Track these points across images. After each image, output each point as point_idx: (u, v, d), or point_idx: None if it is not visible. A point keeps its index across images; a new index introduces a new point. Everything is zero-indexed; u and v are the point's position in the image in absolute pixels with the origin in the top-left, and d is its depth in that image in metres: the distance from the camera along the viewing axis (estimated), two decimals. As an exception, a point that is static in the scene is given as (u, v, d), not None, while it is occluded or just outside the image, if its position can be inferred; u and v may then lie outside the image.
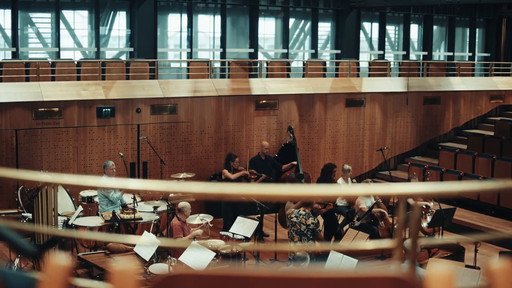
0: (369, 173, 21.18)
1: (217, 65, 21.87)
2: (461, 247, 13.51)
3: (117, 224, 13.73)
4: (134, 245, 11.98)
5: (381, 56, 25.43)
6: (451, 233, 17.05)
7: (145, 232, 12.27)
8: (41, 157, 16.80)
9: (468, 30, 28.19)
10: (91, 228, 13.54)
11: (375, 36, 25.73)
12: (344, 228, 14.71)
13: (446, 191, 2.58)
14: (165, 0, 21.27)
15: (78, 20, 20.58)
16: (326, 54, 24.98)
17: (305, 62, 21.70)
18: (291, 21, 23.91)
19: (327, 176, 16.02)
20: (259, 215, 14.09)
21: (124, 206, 14.20)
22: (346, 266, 10.48)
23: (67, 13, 20.24)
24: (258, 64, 20.70)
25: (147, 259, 11.50)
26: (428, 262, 10.89)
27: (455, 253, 12.96)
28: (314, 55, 23.87)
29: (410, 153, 22.61)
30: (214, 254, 10.96)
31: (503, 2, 23.29)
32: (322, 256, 11.72)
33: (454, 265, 10.71)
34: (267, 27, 23.56)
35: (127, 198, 14.50)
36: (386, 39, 25.88)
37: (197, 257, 10.69)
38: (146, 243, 11.67)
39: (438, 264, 10.82)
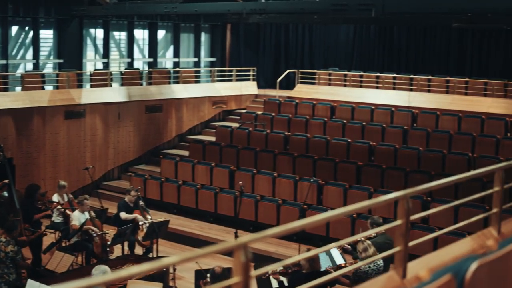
0: (93, 184, 21.05)
1: None
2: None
3: None
4: None
5: (106, 65, 25.38)
6: (172, 243, 17.45)
7: None
8: None
9: (193, 36, 28.81)
10: None
11: (100, 44, 25.59)
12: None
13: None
14: None
15: None
16: (50, 64, 24.48)
17: (22, 74, 21.16)
18: (13, 29, 23.21)
19: (30, 197, 15.41)
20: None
21: None
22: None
23: None
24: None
25: None
26: (128, 283, 10.96)
27: (159, 273, 13.00)
28: (36, 66, 23.33)
29: (135, 162, 22.83)
30: None
31: (214, 12, 24.05)
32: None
33: (151, 286, 10.91)
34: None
35: None
36: (112, 47, 25.84)
37: None
38: None
39: (135, 285, 10.92)
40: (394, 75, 24.89)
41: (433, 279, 3.08)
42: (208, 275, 10.47)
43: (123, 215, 15.78)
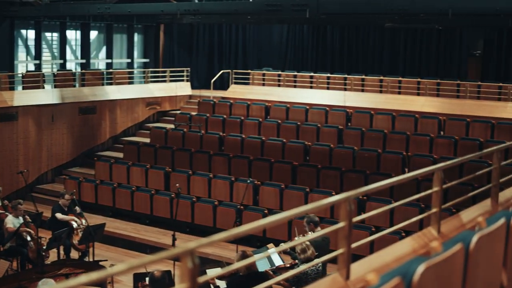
0: (27, 187, 20.62)
1: None
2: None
3: None
4: None
5: (38, 66, 24.98)
6: (108, 246, 17.23)
7: None
8: None
9: (126, 36, 28.54)
10: None
11: (32, 45, 25.16)
12: None
13: None
14: None
15: None
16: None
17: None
18: None
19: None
20: None
21: None
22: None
23: None
24: None
25: None
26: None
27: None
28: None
29: (69, 165, 22.52)
30: None
31: (148, 13, 23.83)
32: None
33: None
34: None
35: None
36: (44, 48, 25.44)
37: None
38: None
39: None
40: (328, 74, 25.07)
41: (381, 283, 3.10)
42: (147, 278, 10.34)
43: (59, 215, 15.50)
